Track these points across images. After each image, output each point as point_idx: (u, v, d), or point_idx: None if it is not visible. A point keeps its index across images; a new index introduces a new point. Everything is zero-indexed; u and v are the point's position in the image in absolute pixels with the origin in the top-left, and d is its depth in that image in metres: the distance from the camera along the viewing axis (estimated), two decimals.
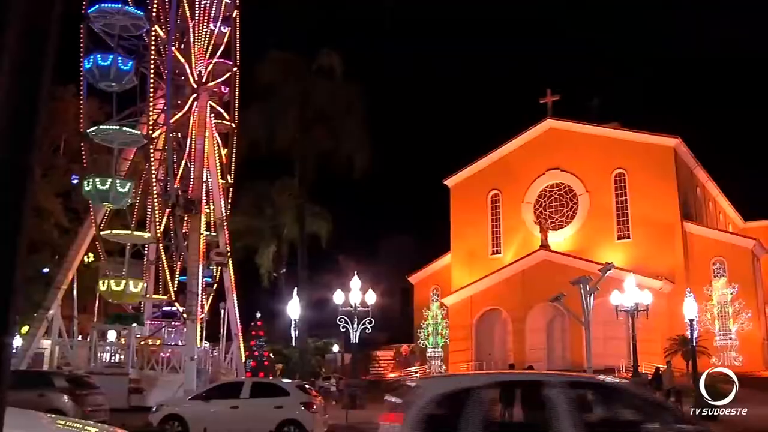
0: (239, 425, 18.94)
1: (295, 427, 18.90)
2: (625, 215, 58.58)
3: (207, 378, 33.63)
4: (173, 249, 36.84)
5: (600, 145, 59.92)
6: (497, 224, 64.28)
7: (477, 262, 62.32)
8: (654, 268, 53.17)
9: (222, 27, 38.68)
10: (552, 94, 63.01)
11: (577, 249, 57.32)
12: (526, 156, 62.91)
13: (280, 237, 63.42)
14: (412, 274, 68.65)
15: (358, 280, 35.70)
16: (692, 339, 35.89)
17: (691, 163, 61.08)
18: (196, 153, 36.19)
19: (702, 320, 49.98)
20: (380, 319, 42.15)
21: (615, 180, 59.36)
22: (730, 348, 52.29)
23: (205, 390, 21.72)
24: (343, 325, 35.38)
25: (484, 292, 59.22)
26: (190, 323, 33.14)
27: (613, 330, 47.17)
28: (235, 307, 38.50)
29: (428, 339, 65.07)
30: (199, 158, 36.12)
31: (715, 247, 55.52)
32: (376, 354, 72.18)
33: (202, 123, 36.70)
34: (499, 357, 56.50)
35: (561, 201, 61.79)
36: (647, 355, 45.92)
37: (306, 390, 20.59)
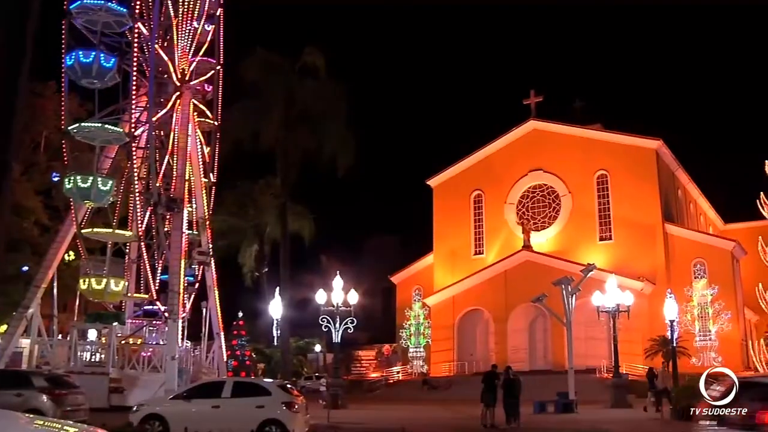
0: (220, 425, 18.83)
1: (276, 426, 18.80)
2: (607, 216, 58.88)
3: (188, 377, 33.45)
4: (155, 247, 36.61)
5: (582, 147, 60.20)
6: (480, 225, 64.41)
7: (459, 263, 62.42)
8: (635, 269, 53.51)
9: (206, 25, 38.46)
10: (535, 95, 63.31)
11: (560, 250, 57.57)
12: (509, 157, 63.09)
13: (262, 236, 63.16)
14: (395, 274, 68.66)
15: (340, 279, 35.68)
16: (672, 340, 36.12)
17: (673, 165, 61.50)
18: (179, 151, 35.96)
19: (682, 321, 50.33)
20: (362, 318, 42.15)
21: (597, 181, 59.66)
22: (709, 348, 52.67)
23: (187, 389, 21.56)
24: (325, 325, 35.35)
25: (466, 292, 59.33)
26: (171, 322, 32.94)
27: (595, 330, 47.47)
28: (217, 306, 38.33)
29: (410, 339, 65.08)
30: (182, 157, 35.89)
31: (695, 249, 55.93)
32: (357, 354, 72.26)
33: (185, 121, 36.48)
34: (481, 357, 56.63)
35: (543, 202, 62.01)
36: (628, 356, 46.23)
37: (288, 390, 20.48)
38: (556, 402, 32.26)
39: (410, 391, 50.45)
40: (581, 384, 36.07)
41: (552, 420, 28.57)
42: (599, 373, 46.91)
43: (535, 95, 63.25)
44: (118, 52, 35.16)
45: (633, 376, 44.39)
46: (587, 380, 41.08)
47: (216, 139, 39.54)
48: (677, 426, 25.26)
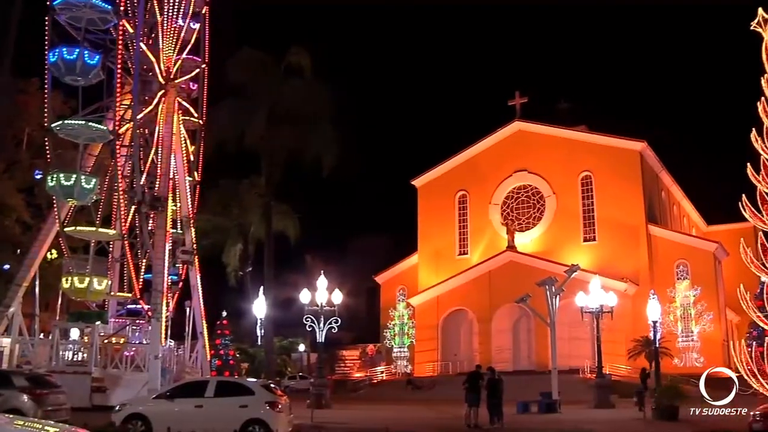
0: (204, 424, 18.73)
1: (259, 426, 18.74)
2: (591, 217, 59.13)
3: (171, 377, 33.28)
4: (139, 246, 36.40)
5: (567, 148, 60.43)
6: (464, 225, 64.51)
7: (444, 263, 62.49)
8: (619, 270, 53.78)
9: (191, 23, 38.23)
10: (520, 96, 63.44)
11: (544, 250, 57.75)
12: (494, 157, 63.24)
13: (246, 235, 63.12)
14: (379, 274, 68.63)
15: (324, 279, 35.63)
16: (655, 340, 36.26)
17: (657, 167, 61.85)
18: (164, 150, 35.76)
19: (665, 322, 50.60)
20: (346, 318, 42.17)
21: (581, 182, 59.90)
22: (691, 349, 53.05)
23: (169, 389, 21.43)
24: (310, 325, 35.30)
25: (450, 292, 59.39)
26: (154, 321, 32.76)
27: (578, 331, 47.60)
28: (200, 305, 38.15)
29: (394, 339, 65.10)
30: (166, 155, 35.70)
31: (678, 250, 56.28)
32: (341, 353, 72.23)
33: (170, 120, 36.27)
34: (465, 357, 56.69)
35: (528, 203, 62.20)
36: (611, 356, 46.40)
37: (271, 389, 20.43)
38: (539, 402, 32.34)
39: (394, 391, 50.46)
40: (565, 384, 36.19)
41: (535, 420, 28.64)
42: (583, 374, 47.10)
43: (520, 96, 63.41)
44: (102, 49, 34.86)
45: (616, 376, 44.59)
46: (571, 380, 41.24)
47: (201, 137, 39.33)
48: (660, 426, 25.42)
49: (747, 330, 41.66)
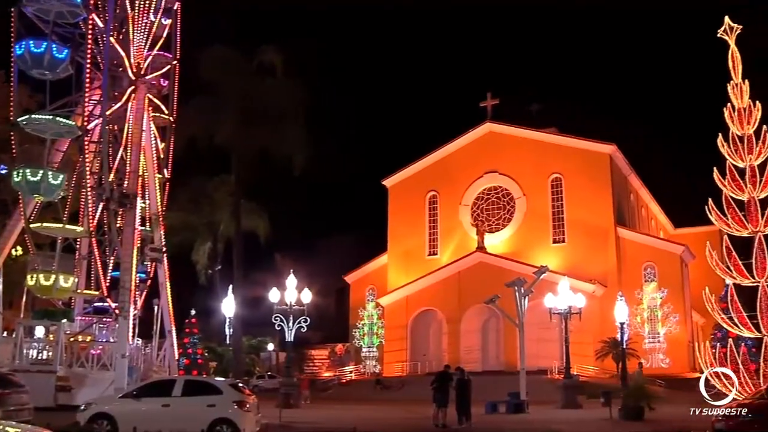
0: (171, 424, 18.58)
1: (227, 426, 18.65)
2: (560, 219, 59.54)
3: (138, 376, 32.94)
4: (106, 243, 36.00)
5: (538, 150, 60.82)
6: (434, 226, 64.64)
7: (414, 263, 62.56)
8: (588, 271, 54.21)
9: (162, 19, 37.84)
10: (492, 98, 63.67)
11: (513, 252, 58.02)
12: (465, 158, 63.42)
13: (216, 234, 62.76)
14: (349, 274, 68.56)
15: (294, 278, 35.51)
16: (622, 341, 36.66)
17: (626, 169, 62.46)
18: (133, 146, 35.37)
19: (632, 323, 51.16)
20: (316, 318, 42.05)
21: (551, 184, 60.30)
22: (658, 350, 53.63)
23: (136, 388, 21.22)
24: (279, 324, 35.17)
25: (420, 292, 59.46)
26: (122, 319, 32.40)
27: (547, 332, 47.87)
28: (169, 303, 37.80)
29: (363, 339, 65.07)
30: (136, 152, 35.32)
31: (646, 253, 56.88)
32: (310, 353, 72.08)
33: (140, 116, 35.89)
34: (434, 357, 56.81)
35: (498, 204, 62.47)
36: (579, 357, 46.81)
37: (239, 388, 20.33)
38: (507, 402, 32.47)
39: (363, 391, 50.42)
40: (533, 385, 36.38)
41: (503, 420, 28.75)
42: (551, 374, 47.39)
43: (491, 98, 63.66)
44: (71, 43, 34.44)
45: (584, 377, 44.97)
46: (539, 381, 41.45)
47: (171, 134, 38.95)
48: (626, 426, 25.64)
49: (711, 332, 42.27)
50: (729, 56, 28.40)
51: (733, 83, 27.92)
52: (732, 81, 28.01)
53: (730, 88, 27.94)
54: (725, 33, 28.58)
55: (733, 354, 26.20)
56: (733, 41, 28.34)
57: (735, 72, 27.98)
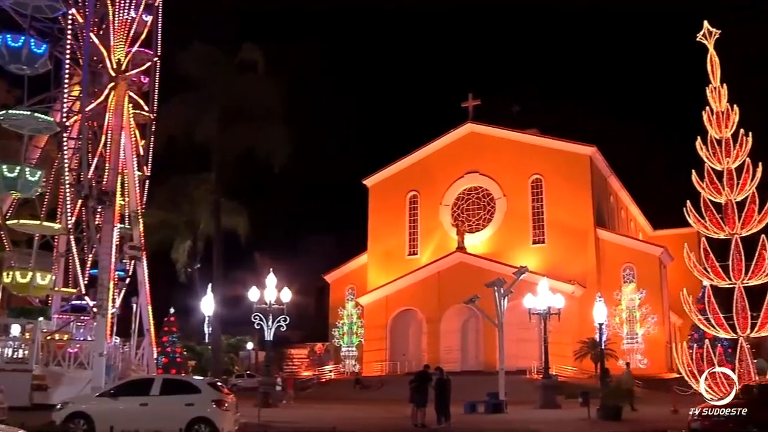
0: (148, 423, 18.48)
1: (205, 425, 18.58)
2: (540, 220, 59.76)
3: (116, 375, 32.73)
4: (85, 241, 35.73)
5: (518, 151, 61.03)
6: (415, 225, 64.68)
7: (393, 263, 62.57)
8: (567, 272, 54.46)
9: (143, 15, 37.60)
10: (473, 98, 63.79)
11: (493, 252, 58.17)
12: (446, 159, 63.52)
13: (196, 232, 62.43)
14: (328, 273, 68.48)
15: (273, 277, 35.40)
16: (601, 342, 36.85)
17: (606, 171, 62.83)
18: (112, 144, 35.13)
19: (611, 324, 51.45)
20: (295, 317, 41.93)
21: (532, 185, 60.51)
22: (636, 351, 53.95)
23: (114, 387, 21.06)
24: (258, 323, 35.05)
25: (399, 292, 59.47)
26: (100, 318, 32.13)
27: (526, 332, 48.04)
28: (147, 302, 37.58)
29: (343, 338, 65.00)
30: (115, 149, 35.08)
31: (625, 254, 57.23)
32: (290, 352, 71.86)
33: (120, 113, 35.65)
34: (414, 357, 56.81)
35: (478, 204, 62.61)
36: (558, 358, 47.03)
37: (218, 387, 20.24)
38: (486, 402, 32.54)
39: (342, 390, 50.38)
40: (512, 385, 36.49)
41: (482, 420, 28.83)
42: (530, 374, 47.55)
43: (472, 98, 63.78)
44: (49, 38, 34.08)
45: (563, 377, 45.21)
46: (518, 381, 41.58)
47: (151, 131, 38.74)
48: (604, 426, 25.79)
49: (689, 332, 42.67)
50: (708, 60, 28.64)
51: (712, 87, 28.15)
52: (711, 84, 28.24)
53: (709, 92, 28.17)
54: (704, 37, 28.82)
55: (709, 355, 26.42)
56: (712, 45, 28.58)
57: (714, 76, 28.21)
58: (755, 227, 26.59)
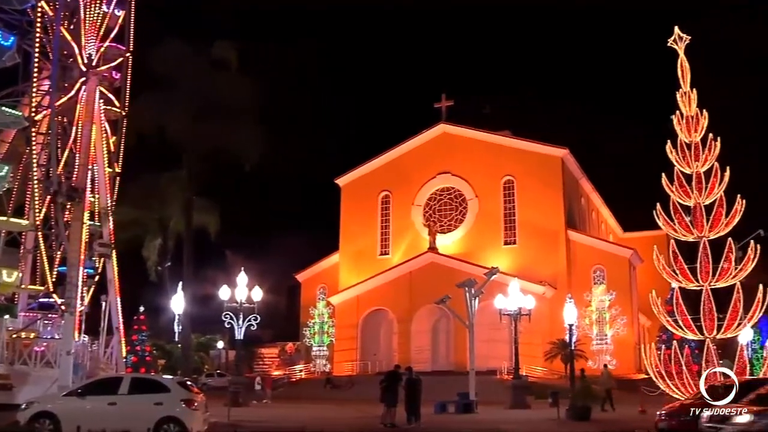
0: (116, 423, 18.26)
1: (174, 424, 18.42)
2: (512, 221, 60.05)
3: (84, 373, 32.35)
4: (53, 238, 35.27)
5: (491, 152, 61.27)
6: (387, 225, 64.69)
7: (365, 262, 62.54)
8: (538, 273, 54.75)
9: (116, 10, 37.21)
10: (447, 99, 63.94)
11: (465, 253, 58.32)
12: (419, 159, 63.61)
13: (166, 230, 61.95)
14: (300, 272, 68.28)
15: (244, 276, 35.23)
16: (571, 343, 37.11)
17: (577, 173, 63.30)
18: (83, 139, 34.74)
19: (581, 325, 51.81)
20: (266, 316, 41.75)
21: (504, 186, 60.79)
22: (605, 352, 54.36)
23: (81, 386, 20.80)
24: (228, 322, 34.87)
25: (371, 292, 59.44)
26: (67, 316, 31.76)
27: (497, 333, 48.22)
28: (117, 300, 37.21)
29: (314, 338, 64.79)
30: (86, 145, 34.69)
31: (595, 256, 57.69)
32: (260, 351, 71.50)
33: (90, 108, 35.26)
34: (384, 357, 56.78)
35: (451, 205, 62.78)
36: (528, 358, 47.28)
37: (187, 387, 20.08)
38: (456, 402, 32.63)
39: (313, 390, 50.23)
40: (482, 385, 36.61)
41: (452, 420, 28.91)
42: (500, 375, 47.76)
43: (446, 99, 63.94)
44: (18, 30, 33.62)
45: (533, 377, 45.46)
46: (488, 381, 41.75)
47: (122, 128, 38.34)
48: (573, 426, 25.97)
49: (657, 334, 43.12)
50: (678, 65, 28.99)
51: (682, 92, 28.51)
52: (681, 89, 28.59)
53: (679, 97, 28.52)
54: (675, 42, 29.16)
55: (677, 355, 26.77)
56: (683, 51, 28.93)
57: (684, 81, 28.57)
58: (722, 230, 26.98)
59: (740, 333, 27.87)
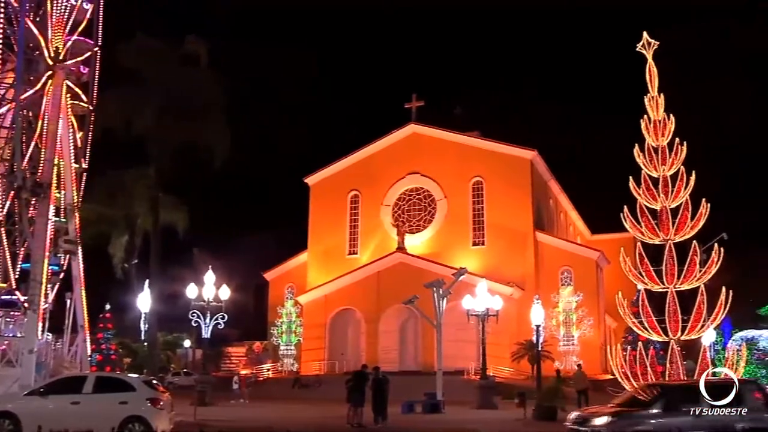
0: (79, 422, 18.05)
1: (139, 423, 18.27)
2: (480, 222, 60.27)
3: (47, 372, 31.97)
4: (17, 234, 34.78)
5: (460, 153, 61.44)
6: (355, 225, 64.60)
7: (334, 262, 62.42)
8: (506, 274, 54.99)
9: (84, 3, 36.69)
10: (417, 99, 64.02)
11: (433, 253, 58.44)
12: (388, 159, 63.62)
13: (133, 227, 61.30)
14: (268, 271, 67.95)
15: (212, 274, 35.00)
16: (538, 344, 37.30)
17: (546, 175, 63.72)
18: (48, 134, 34.25)
19: (548, 326, 52.12)
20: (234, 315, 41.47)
21: (473, 187, 60.99)
22: (572, 353, 54.78)
23: (44, 385, 20.56)
24: (195, 320, 34.61)
25: (339, 291, 59.33)
26: (30, 313, 31.34)
27: (464, 333, 48.35)
28: (82, 297, 36.74)
29: (281, 337, 64.55)
30: (51, 140, 34.22)
31: (563, 257, 58.09)
32: (228, 350, 70.98)
33: (57, 103, 34.76)
34: (352, 357, 56.70)
35: (419, 205, 62.86)
36: (496, 359, 47.48)
37: (153, 385, 19.91)
38: (424, 402, 32.70)
39: (280, 389, 50.06)
40: (450, 385, 36.72)
41: (419, 420, 28.98)
42: (467, 375, 47.93)
43: (416, 100, 64.00)
44: None
45: (500, 378, 45.64)
46: (456, 381, 41.88)
47: (90, 123, 37.85)
48: (539, 426, 26.16)
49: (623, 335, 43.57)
50: (646, 70, 29.28)
51: (650, 96, 28.76)
52: (649, 94, 28.86)
53: (647, 101, 28.78)
54: (643, 47, 29.46)
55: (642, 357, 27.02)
56: (651, 56, 29.22)
57: (652, 85, 28.83)
58: (688, 233, 27.28)
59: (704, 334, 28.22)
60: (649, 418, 16.78)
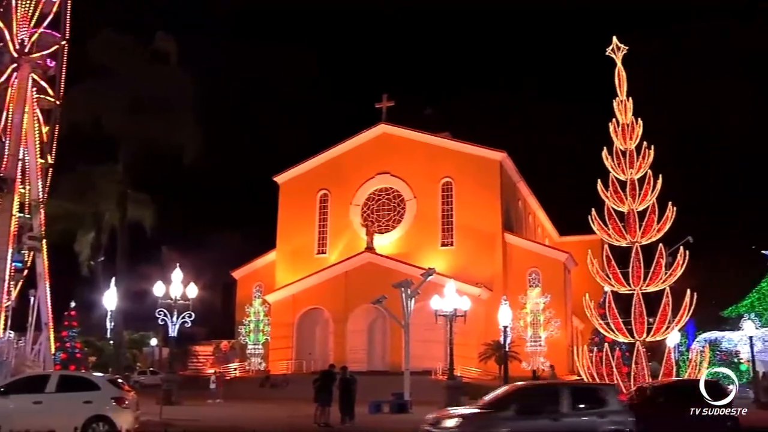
0: (42, 422, 17.78)
1: (104, 423, 18.05)
2: (449, 223, 60.43)
3: (9, 371, 31.46)
4: None
5: (430, 154, 61.57)
6: (324, 224, 64.45)
7: (302, 261, 62.24)
8: (474, 275, 55.19)
9: None
10: (388, 99, 64.03)
11: (402, 253, 58.50)
12: (358, 158, 63.57)
13: (100, 224, 60.60)
14: (236, 270, 67.56)
15: (180, 272, 34.73)
16: (505, 344, 37.52)
17: (515, 177, 64.09)
18: (13, 128, 33.81)
19: (515, 327, 52.37)
20: (201, 313, 41.23)
21: (442, 188, 61.13)
22: (539, 354, 55.11)
23: (5, 384, 20.22)
24: (162, 318, 34.30)
25: (307, 291, 59.15)
26: None
27: (432, 333, 48.31)
28: (46, 295, 36.27)
29: (249, 336, 64.18)
30: (16, 134, 33.78)
31: (531, 259, 58.44)
32: (195, 349, 70.48)
33: (22, 96, 34.31)
34: (320, 356, 56.58)
35: (389, 205, 62.87)
36: (463, 359, 47.60)
37: (118, 384, 19.69)
38: (391, 402, 32.71)
39: (247, 389, 49.77)
40: (417, 385, 36.75)
41: (386, 420, 28.97)
42: (435, 375, 48.03)
43: (387, 100, 64.01)
44: None
45: (467, 378, 45.78)
46: (423, 381, 41.91)
47: (56, 118, 37.33)
48: None
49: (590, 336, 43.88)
50: (615, 74, 29.58)
51: (619, 100, 29.09)
52: (617, 98, 29.18)
53: (616, 105, 29.10)
54: (613, 51, 29.77)
55: (608, 358, 27.32)
56: (620, 60, 29.55)
57: (621, 89, 29.16)
58: (654, 236, 27.64)
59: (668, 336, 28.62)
60: (502, 421, 16.16)
